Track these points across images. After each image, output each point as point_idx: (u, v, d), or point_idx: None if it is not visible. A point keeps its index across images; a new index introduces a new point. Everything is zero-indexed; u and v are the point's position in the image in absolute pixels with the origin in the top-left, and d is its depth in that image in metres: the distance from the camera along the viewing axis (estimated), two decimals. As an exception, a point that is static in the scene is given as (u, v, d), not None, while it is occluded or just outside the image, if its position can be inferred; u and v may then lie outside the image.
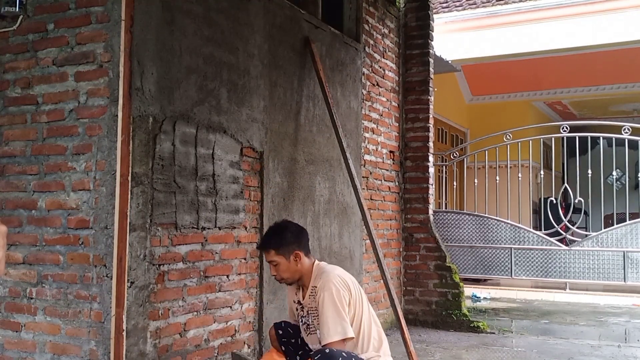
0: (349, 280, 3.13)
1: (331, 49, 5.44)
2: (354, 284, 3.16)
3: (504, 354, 5.44)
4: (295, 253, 3.15)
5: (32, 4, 3.55)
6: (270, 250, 3.17)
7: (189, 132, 3.71)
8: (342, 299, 3.00)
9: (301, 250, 3.17)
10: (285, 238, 3.17)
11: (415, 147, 6.91)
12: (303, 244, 3.21)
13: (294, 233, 3.21)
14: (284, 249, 3.14)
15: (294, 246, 3.16)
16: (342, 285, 3.04)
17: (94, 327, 3.26)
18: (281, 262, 3.15)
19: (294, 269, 3.16)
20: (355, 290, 3.13)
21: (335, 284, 3.02)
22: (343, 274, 3.16)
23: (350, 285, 3.10)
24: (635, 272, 7.32)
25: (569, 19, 9.61)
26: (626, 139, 7.54)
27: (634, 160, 9.29)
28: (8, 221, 3.47)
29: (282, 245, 3.15)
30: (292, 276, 3.20)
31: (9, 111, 3.59)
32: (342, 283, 3.05)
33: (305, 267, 3.17)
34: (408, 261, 6.86)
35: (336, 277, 3.07)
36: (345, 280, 3.08)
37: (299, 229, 3.30)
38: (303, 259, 3.17)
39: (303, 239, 3.23)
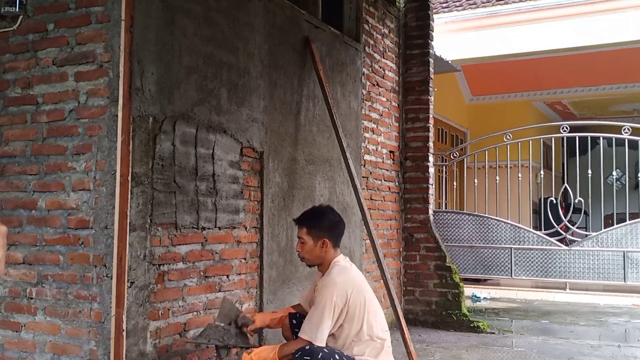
0: (350, 288, 3.10)
1: (331, 49, 5.44)
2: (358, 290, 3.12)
3: (504, 354, 5.44)
4: (324, 240, 3.20)
5: (32, 4, 3.55)
6: (303, 227, 3.26)
7: (189, 132, 3.71)
8: (332, 305, 3.02)
9: (331, 240, 3.21)
10: (321, 222, 3.24)
11: (415, 147, 6.91)
12: (335, 236, 3.25)
13: (331, 222, 3.27)
14: (315, 232, 3.21)
15: (325, 233, 3.21)
16: (339, 293, 3.04)
17: (94, 327, 3.26)
18: (308, 242, 3.22)
19: (317, 254, 3.22)
20: (356, 297, 3.09)
21: (332, 290, 3.04)
22: (346, 281, 3.12)
23: (350, 292, 3.08)
24: (635, 272, 7.32)
25: (569, 19, 9.62)
26: (626, 139, 7.54)
27: (634, 160, 9.27)
28: (8, 221, 3.47)
29: (315, 227, 3.23)
30: (312, 259, 3.26)
31: (9, 111, 3.59)
32: (340, 291, 3.05)
33: (328, 258, 3.22)
34: (408, 261, 6.86)
35: (337, 284, 3.07)
36: (345, 289, 3.07)
37: (337, 220, 3.33)
38: (329, 249, 3.21)
39: (337, 231, 3.28)
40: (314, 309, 3.07)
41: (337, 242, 3.27)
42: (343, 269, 3.19)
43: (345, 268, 3.21)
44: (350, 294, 3.07)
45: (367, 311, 3.14)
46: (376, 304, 3.25)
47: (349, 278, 3.14)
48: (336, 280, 3.09)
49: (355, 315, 3.08)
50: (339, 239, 3.29)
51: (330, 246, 3.22)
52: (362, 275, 3.33)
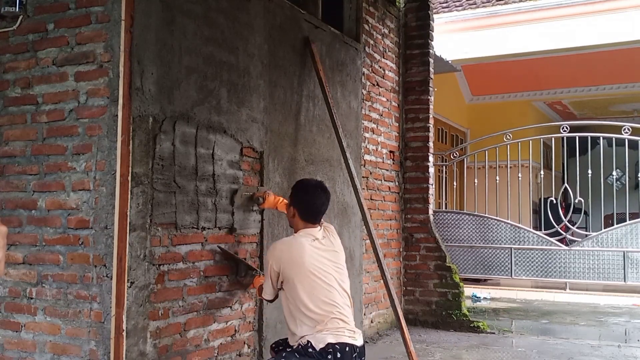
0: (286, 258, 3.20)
1: (331, 49, 5.44)
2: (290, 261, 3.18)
3: (504, 354, 5.44)
4: (292, 209, 3.39)
5: (32, 4, 3.55)
6: (291, 189, 3.54)
7: (189, 132, 3.71)
8: (269, 268, 3.26)
9: (297, 212, 3.35)
10: (295, 192, 3.45)
11: (415, 147, 6.91)
12: (303, 210, 3.35)
13: (302, 197, 3.38)
14: (290, 199, 3.47)
15: (295, 204, 3.38)
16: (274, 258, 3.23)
17: (94, 327, 3.26)
18: (288, 201, 3.52)
19: (289, 218, 3.47)
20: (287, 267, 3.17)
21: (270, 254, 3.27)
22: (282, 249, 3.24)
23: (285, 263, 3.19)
24: (635, 272, 7.32)
25: (569, 19, 9.62)
26: (626, 139, 7.54)
27: (634, 160, 9.29)
28: (8, 221, 3.47)
29: (291, 195, 3.48)
30: (289, 221, 3.52)
31: (9, 111, 3.59)
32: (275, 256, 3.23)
33: (296, 225, 3.39)
34: (408, 261, 6.86)
35: (275, 249, 3.27)
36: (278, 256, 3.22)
37: (309, 198, 3.36)
38: (297, 219, 3.36)
39: (305, 206, 3.35)
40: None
41: (307, 217, 3.34)
42: (292, 237, 3.34)
43: (294, 237, 3.32)
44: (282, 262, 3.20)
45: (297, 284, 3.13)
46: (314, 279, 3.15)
47: (285, 248, 3.26)
48: (275, 246, 3.30)
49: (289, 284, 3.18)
50: (310, 215, 3.35)
51: (298, 218, 3.35)
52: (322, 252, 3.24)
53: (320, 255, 3.22)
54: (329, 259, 3.25)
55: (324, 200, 3.40)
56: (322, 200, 3.39)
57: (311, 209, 3.36)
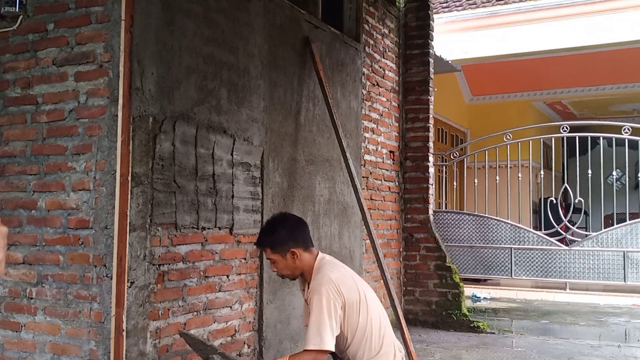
0: (343, 285, 2.87)
1: (331, 49, 5.44)
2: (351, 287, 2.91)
3: (504, 354, 5.43)
4: (292, 251, 2.96)
5: (32, 4, 3.55)
6: (267, 249, 3.03)
7: (189, 132, 3.71)
8: (332, 306, 2.79)
9: (298, 246, 2.98)
10: (279, 236, 2.99)
11: (415, 147, 6.91)
12: (300, 240, 3.01)
13: (288, 229, 3.02)
14: (279, 248, 2.98)
15: (289, 243, 2.97)
16: (334, 291, 2.82)
17: (94, 327, 3.26)
18: (278, 259, 2.99)
19: (293, 266, 2.99)
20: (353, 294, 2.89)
21: (326, 290, 2.81)
22: (338, 278, 2.89)
23: (343, 290, 2.85)
24: (635, 272, 7.32)
25: (569, 19, 9.62)
26: (626, 139, 7.54)
27: (634, 160, 9.28)
28: (8, 221, 3.47)
29: (276, 244, 2.98)
30: (292, 273, 3.03)
31: (9, 111, 3.59)
32: (335, 289, 2.83)
33: (306, 263, 2.99)
34: (408, 261, 6.86)
35: (329, 283, 2.83)
36: (338, 287, 2.84)
37: (294, 224, 3.10)
38: (302, 255, 2.98)
39: (299, 235, 3.03)
40: (312, 315, 2.80)
41: (306, 245, 3.02)
42: (333, 265, 2.98)
43: (335, 264, 3.00)
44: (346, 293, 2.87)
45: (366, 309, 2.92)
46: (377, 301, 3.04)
47: (337, 275, 2.90)
48: (330, 277, 2.86)
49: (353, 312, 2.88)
50: (306, 240, 3.04)
51: (302, 251, 2.99)
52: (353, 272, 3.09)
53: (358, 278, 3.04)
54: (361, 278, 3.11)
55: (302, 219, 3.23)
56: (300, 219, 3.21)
57: (305, 232, 3.07)
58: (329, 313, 2.78)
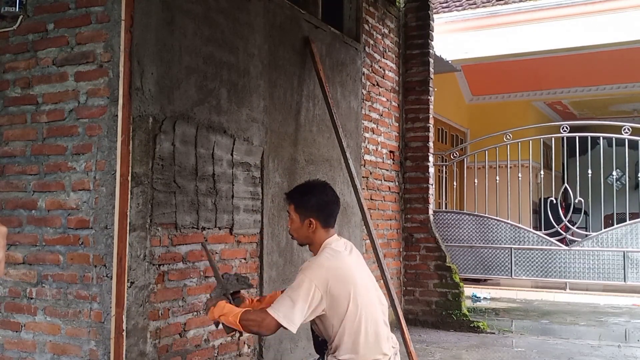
0: (333, 276, 2.76)
1: (331, 49, 5.44)
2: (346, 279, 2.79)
3: (504, 354, 5.43)
4: (310, 220, 2.92)
5: (32, 4, 3.55)
6: (292, 204, 3.00)
7: (189, 132, 3.71)
8: (311, 292, 2.71)
9: (318, 219, 2.92)
10: (307, 200, 2.95)
11: (415, 147, 6.91)
12: (324, 216, 2.95)
13: (319, 200, 2.96)
14: (301, 210, 2.94)
15: (312, 212, 2.92)
16: (321, 278, 2.73)
17: (94, 327, 3.26)
18: (295, 219, 2.97)
19: (305, 233, 2.95)
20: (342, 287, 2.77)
21: (314, 273, 2.75)
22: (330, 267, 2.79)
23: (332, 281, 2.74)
24: (635, 272, 7.32)
25: (569, 19, 9.62)
26: (626, 139, 7.55)
27: (634, 160, 9.29)
28: (8, 221, 3.47)
29: (301, 205, 2.96)
30: (300, 238, 3.00)
31: (9, 111, 3.59)
32: (323, 276, 2.74)
33: (317, 239, 2.94)
34: (408, 261, 6.86)
35: (320, 268, 2.77)
36: (327, 276, 2.74)
37: (327, 199, 3.01)
38: (318, 229, 2.93)
39: (326, 210, 2.97)
40: (290, 288, 2.76)
41: (327, 222, 2.96)
42: (334, 254, 2.87)
43: (336, 253, 2.88)
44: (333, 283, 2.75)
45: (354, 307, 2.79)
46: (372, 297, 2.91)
47: (336, 266, 2.81)
48: (323, 264, 2.80)
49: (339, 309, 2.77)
50: (330, 219, 2.98)
51: (319, 226, 2.93)
52: (358, 264, 2.97)
53: (359, 266, 2.96)
54: (363, 268, 2.99)
55: (337, 197, 3.09)
56: (336, 196, 3.08)
57: (332, 210, 3.00)
58: (306, 296, 2.71)
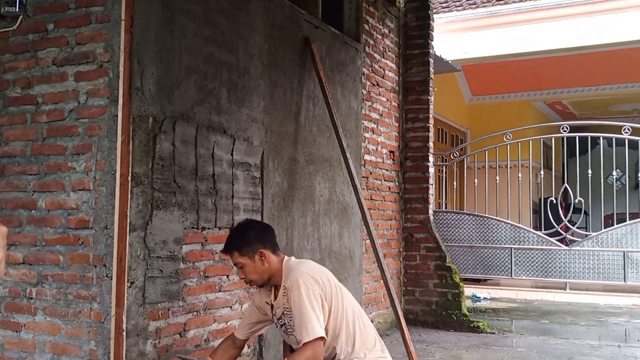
0: (319, 275, 2.89)
1: (331, 49, 5.44)
2: (327, 278, 2.93)
3: (504, 354, 5.43)
4: (260, 252, 2.93)
5: (32, 4, 3.55)
6: (234, 252, 2.97)
7: (189, 132, 3.71)
8: (313, 295, 2.80)
9: (266, 248, 2.96)
10: (247, 237, 2.96)
11: (415, 147, 6.91)
12: (268, 242, 3.00)
13: (256, 231, 3.02)
14: (247, 249, 2.94)
15: (257, 245, 2.94)
16: (311, 281, 2.83)
17: (94, 327, 3.26)
18: (246, 263, 2.94)
19: (261, 269, 2.95)
20: (329, 284, 2.91)
21: (303, 281, 2.81)
22: (311, 269, 2.92)
23: (320, 279, 2.87)
24: (635, 272, 7.32)
25: (569, 19, 9.62)
26: (626, 139, 7.54)
27: (634, 160, 9.29)
28: (8, 221, 3.47)
29: (244, 245, 2.94)
30: (260, 277, 2.98)
31: (9, 111, 3.59)
32: (311, 278, 2.84)
33: (274, 266, 2.97)
34: (408, 261, 6.86)
35: (304, 274, 2.85)
36: (314, 276, 2.86)
37: (262, 226, 3.16)
38: (270, 257, 2.96)
39: (267, 237, 3.03)
40: (297, 311, 2.81)
41: (274, 248, 3.01)
42: (296, 264, 2.95)
43: (297, 262, 2.98)
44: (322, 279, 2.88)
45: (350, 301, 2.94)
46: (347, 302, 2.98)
47: (309, 267, 2.93)
48: (301, 271, 2.86)
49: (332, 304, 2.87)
50: (274, 243, 3.03)
51: (270, 253, 2.96)
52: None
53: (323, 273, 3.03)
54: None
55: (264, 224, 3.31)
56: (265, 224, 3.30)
57: (273, 237, 3.08)
58: (311, 303, 2.78)
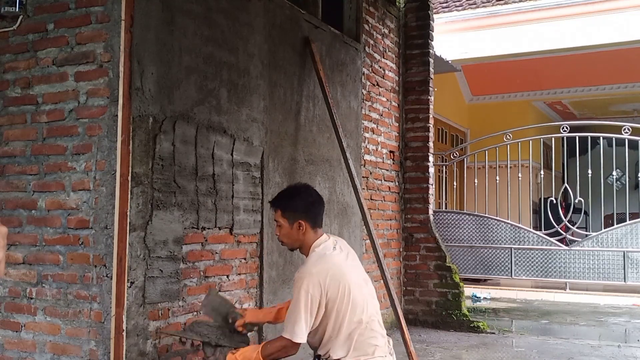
0: (329, 279, 2.81)
1: (331, 49, 5.44)
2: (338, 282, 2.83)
3: (504, 354, 5.43)
4: (299, 222, 2.96)
5: (32, 4, 3.55)
6: (277, 210, 3.04)
7: (189, 132, 3.71)
8: (310, 300, 2.79)
9: (307, 221, 2.97)
10: (295, 203, 3.01)
11: (415, 147, 6.91)
12: (311, 216, 3.00)
13: (305, 201, 3.02)
14: (289, 214, 2.99)
15: (300, 214, 2.97)
16: (316, 286, 2.79)
17: (94, 327, 3.26)
18: (284, 225, 3.00)
19: (295, 237, 3.00)
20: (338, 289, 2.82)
21: (307, 283, 2.79)
22: (322, 272, 2.83)
23: (326, 285, 2.81)
24: (635, 272, 7.32)
25: (569, 19, 9.62)
26: (626, 139, 7.54)
27: (634, 160, 9.28)
28: (8, 221, 3.47)
29: (288, 208, 3.00)
30: (291, 242, 3.04)
31: (9, 111, 3.59)
32: (317, 283, 2.79)
33: (308, 240, 2.99)
34: (408, 261, 6.86)
35: (312, 276, 2.81)
36: (320, 281, 2.80)
37: (312, 199, 3.08)
38: (307, 230, 2.98)
39: (313, 210, 3.02)
40: (292, 304, 2.85)
41: (315, 223, 3.00)
42: (321, 257, 2.92)
43: (322, 256, 2.92)
44: (329, 286, 2.81)
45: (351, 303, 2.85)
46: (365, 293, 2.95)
47: (325, 268, 2.85)
48: (311, 271, 2.84)
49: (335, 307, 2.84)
50: (318, 218, 3.03)
51: (309, 227, 2.97)
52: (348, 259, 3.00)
53: (349, 266, 2.98)
54: (352, 265, 3.02)
55: (321, 197, 3.15)
56: (319, 196, 3.14)
57: (319, 212, 3.05)
58: (306, 307, 2.79)
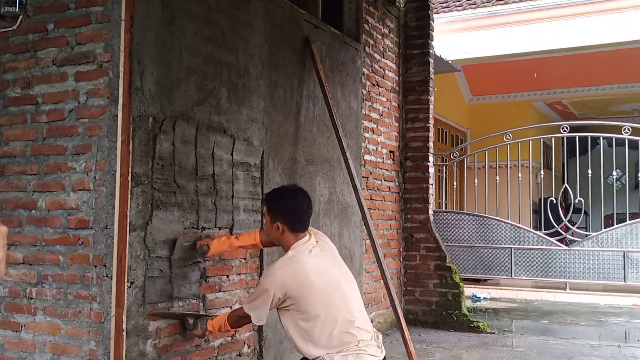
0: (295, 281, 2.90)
1: (331, 49, 5.44)
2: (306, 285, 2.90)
3: (504, 354, 5.44)
4: (278, 224, 3.06)
5: (32, 4, 3.55)
6: (265, 205, 3.26)
7: (189, 132, 3.71)
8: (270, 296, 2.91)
9: (286, 224, 3.05)
10: (277, 204, 3.11)
11: (415, 147, 6.91)
12: (290, 221, 3.06)
13: (287, 206, 3.08)
14: (272, 213, 3.12)
15: (279, 217, 3.06)
16: (278, 286, 2.90)
17: (94, 327, 3.26)
18: (267, 221, 3.17)
19: (274, 235, 3.12)
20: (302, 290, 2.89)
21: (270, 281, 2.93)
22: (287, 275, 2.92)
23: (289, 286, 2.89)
24: (635, 272, 7.32)
25: (569, 19, 9.62)
26: (626, 139, 7.55)
27: (634, 160, 9.28)
28: (8, 221, 3.47)
29: (271, 208, 3.14)
30: (270, 240, 3.28)
31: (9, 111, 3.59)
32: (279, 283, 2.90)
33: (286, 241, 3.07)
34: (408, 261, 6.86)
35: (275, 276, 2.94)
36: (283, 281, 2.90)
37: (296, 204, 3.10)
38: (285, 232, 3.06)
39: (294, 216, 3.07)
40: (255, 292, 3.13)
41: (294, 227, 3.06)
42: (290, 259, 3.00)
43: (292, 259, 2.99)
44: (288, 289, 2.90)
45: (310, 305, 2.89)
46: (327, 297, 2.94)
47: (286, 273, 2.94)
48: (275, 273, 2.96)
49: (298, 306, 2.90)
50: (297, 224, 3.06)
51: (287, 230, 3.04)
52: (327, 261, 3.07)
53: (324, 265, 3.03)
54: (332, 265, 3.09)
55: (308, 203, 3.16)
56: (307, 202, 3.16)
57: (299, 216, 3.08)
58: (266, 301, 2.96)
